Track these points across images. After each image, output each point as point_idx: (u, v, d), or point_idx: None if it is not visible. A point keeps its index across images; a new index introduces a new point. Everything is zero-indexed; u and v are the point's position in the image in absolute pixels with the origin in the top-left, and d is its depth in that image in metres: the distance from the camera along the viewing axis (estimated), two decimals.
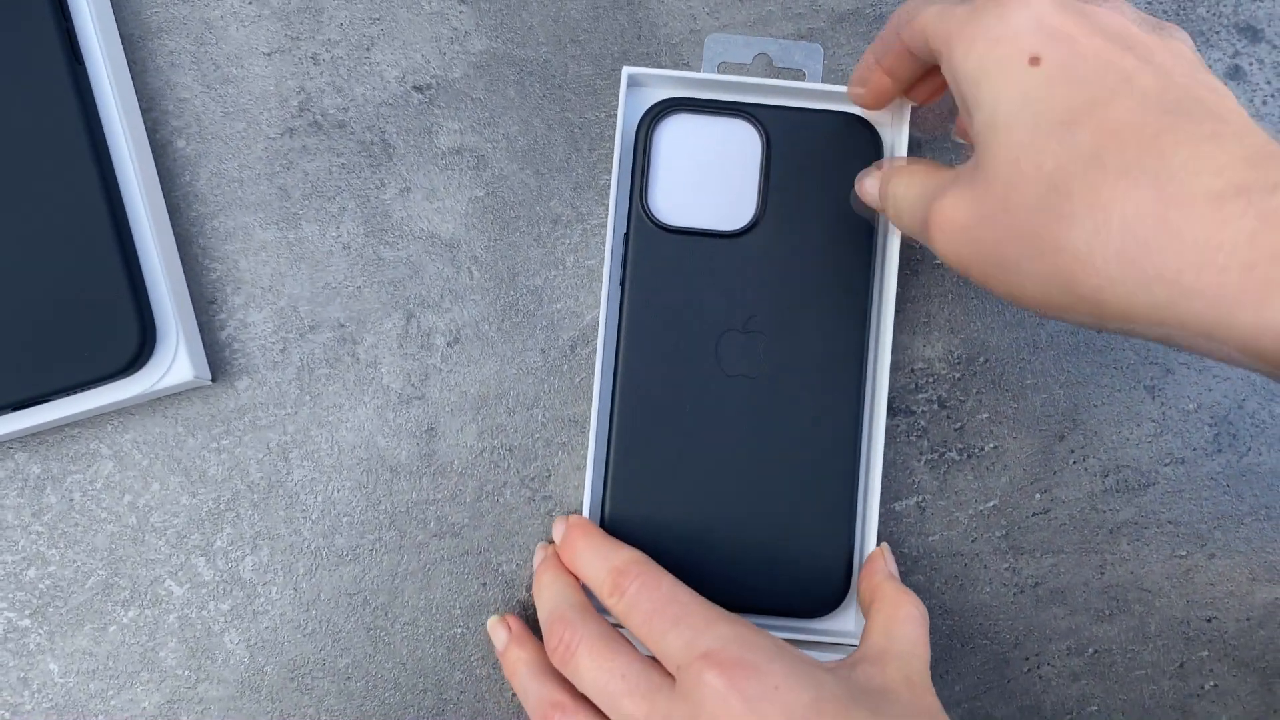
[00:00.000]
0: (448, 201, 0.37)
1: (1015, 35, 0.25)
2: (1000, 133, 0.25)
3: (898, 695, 0.29)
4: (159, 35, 0.37)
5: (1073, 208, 0.23)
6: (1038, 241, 0.24)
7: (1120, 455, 0.38)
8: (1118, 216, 0.22)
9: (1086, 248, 0.23)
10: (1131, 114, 0.23)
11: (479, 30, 0.38)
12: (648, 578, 0.31)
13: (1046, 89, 0.24)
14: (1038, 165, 0.24)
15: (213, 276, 0.37)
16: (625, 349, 0.35)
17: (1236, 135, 0.23)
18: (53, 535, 0.37)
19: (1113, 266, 0.22)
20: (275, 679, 0.37)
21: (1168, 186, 0.22)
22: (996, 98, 0.25)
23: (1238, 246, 0.21)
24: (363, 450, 0.37)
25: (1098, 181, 0.23)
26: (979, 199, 0.26)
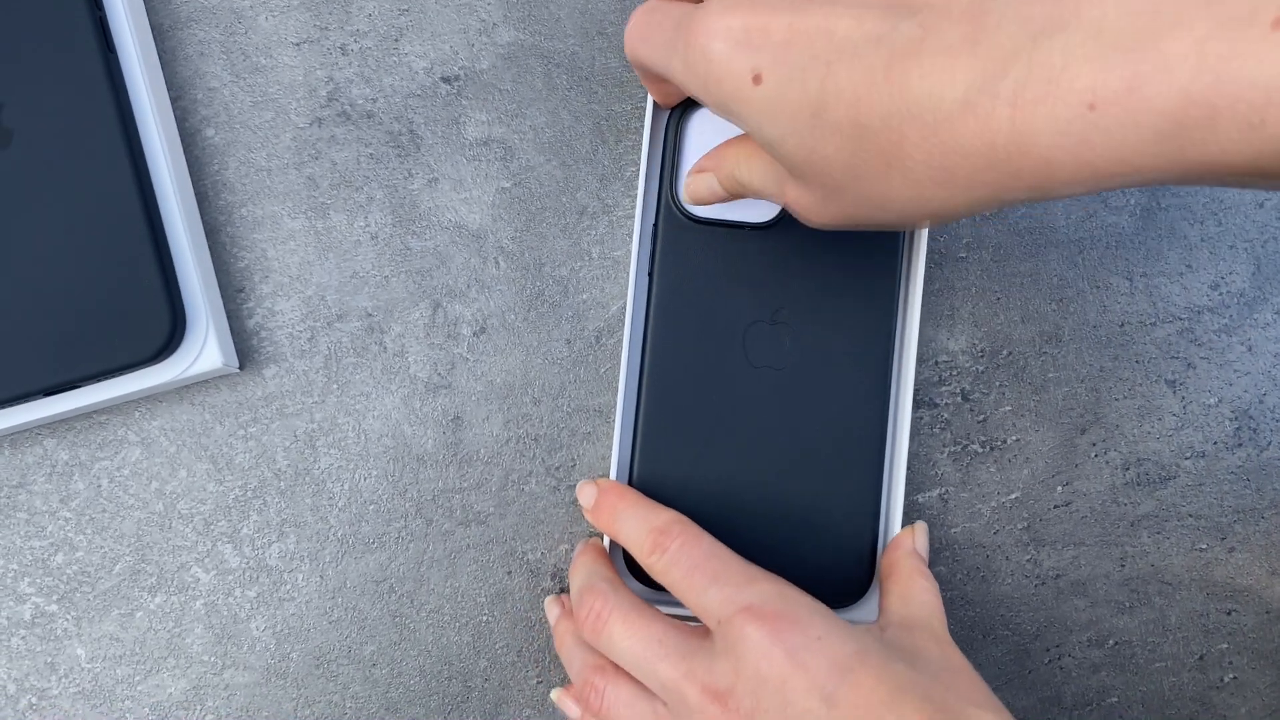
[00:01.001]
0: (475, 192, 0.38)
1: (729, 66, 0.26)
2: (779, 147, 0.26)
3: (929, 653, 0.30)
4: (189, 25, 0.38)
5: (874, 168, 0.24)
6: (872, 199, 0.25)
7: (1141, 449, 0.38)
8: (910, 158, 0.23)
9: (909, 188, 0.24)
10: (854, 71, 0.24)
11: (507, 22, 0.38)
12: (688, 536, 0.31)
13: (780, 98, 0.25)
14: (824, 156, 0.25)
15: (241, 265, 0.37)
16: (652, 340, 0.35)
17: (942, 17, 0.23)
18: (80, 521, 0.37)
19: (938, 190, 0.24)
20: (300, 666, 0.37)
21: (925, 116, 0.23)
22: (755, 126, 0.26)
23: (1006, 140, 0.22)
24: (389, 439, 0.37)
25: (874, 142, 0.24)
26: (811, 187, 0.27)
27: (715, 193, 0.32)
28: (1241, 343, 0.38)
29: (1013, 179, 0.22)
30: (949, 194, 0.24)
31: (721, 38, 0.26)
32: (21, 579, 0.37)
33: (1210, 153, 0.20)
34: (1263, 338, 0.38)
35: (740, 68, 0.25)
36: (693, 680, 0.28)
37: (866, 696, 0.26)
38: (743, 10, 0.26)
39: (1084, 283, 0.38)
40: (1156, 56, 0.19)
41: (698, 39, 0.26)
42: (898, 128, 0.23)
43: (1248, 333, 0.38)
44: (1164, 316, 0.38)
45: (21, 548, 0.37)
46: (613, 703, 0.30)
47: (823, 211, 0.27)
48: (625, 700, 0.30)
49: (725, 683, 0.28)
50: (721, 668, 0.28)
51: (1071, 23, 0.21)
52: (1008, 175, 0.22)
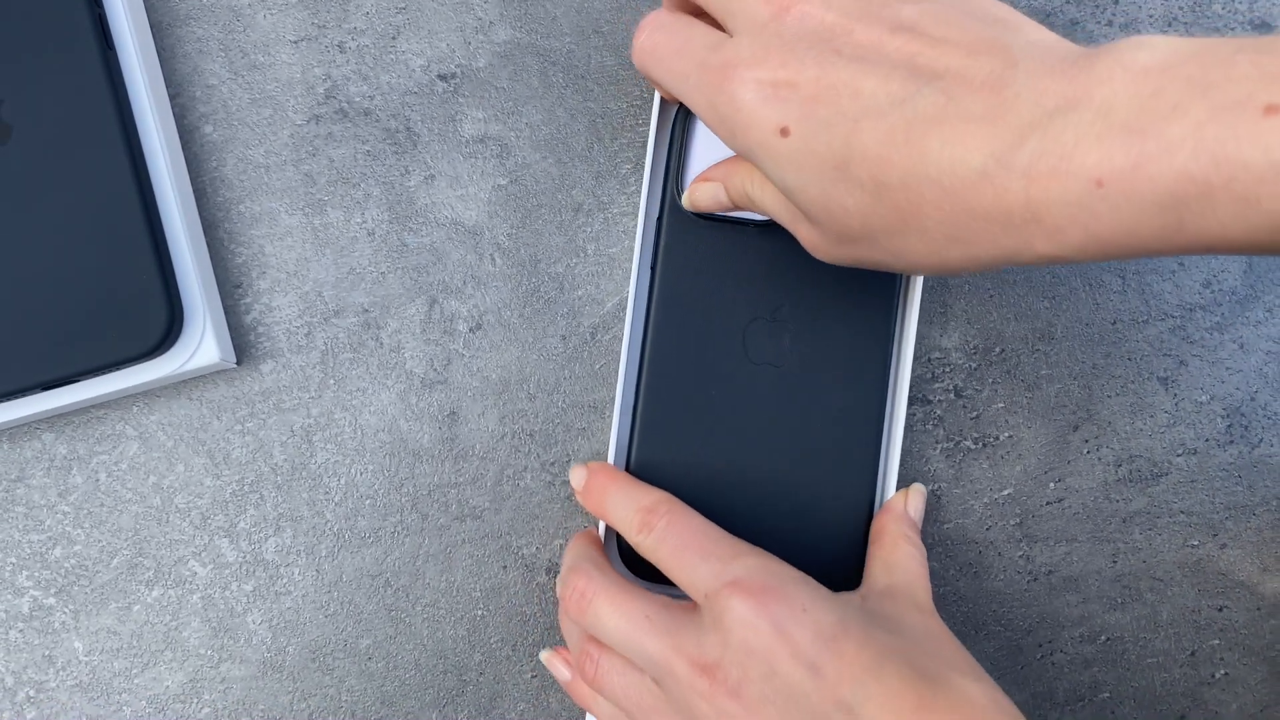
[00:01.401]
0: (471, 189, 0.38)
1: (754, 118, 0.26)
2: (799, 195, 0.27)
3: (910, 621, 0.30)
4: (188, 22, 0.38)
5: (892, 225, 0.26)
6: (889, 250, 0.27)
7: (1133, 445, 0.38)
8: (927, 219, 0.25)
9: (924, 246, 0.26)
10: (878, 130, 0.25)
11: (503, 20, 0.38)
12: (676, 515, 0.31)
13: (806, 151, 0.26)
14: (844, 208, 0.26)
15: (239, 261, 0.38)
16: (653, 334, 0.35)
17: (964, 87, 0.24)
18: (78, 515, 0.37)
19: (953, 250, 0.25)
20: (297, 659, 0.37)
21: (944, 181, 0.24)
22: (779, 175, 0.27)
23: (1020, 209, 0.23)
24: (385, 434, 0.37)
25: (892, 199, 0.25)
26: (824, 233, 0.28)
27: (720, 202, 0.33)
28: (1233, 340, 0.38)
29: (1025, 245, 0.24)
30: (963, 253, 0.25)
31: (752, 89, 0.26)
32: (20, 572, 0.37)
33: (1209, 227, 0.21)
34: (1254, 335, 0.38)
35: (769, 119, 0.26)
36: (680, 654, 0.29)
37: (850, 664, 0.27)
38: (773, 64, 0.26)
39: (1076, 280, 0.38)
40: (1159, 138, 0.21)
41: (728, 85, 0.27)
42: (916, 189, 0.24)
43: (1239, 330, 0.38)
44: (1156, 314, 0.38)
45: (20, 541, 0.37)
46: (607, 670, 0.31)
47: (833, 253, 0.28)
48: (619, 669, 0.31)
49: (713, 656, 0.28)
50: (709, 641, 0.28)
51: (1083, 102, 0.22)
52: (1021, 241, 0.24)
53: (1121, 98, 0.22)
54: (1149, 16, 0.39)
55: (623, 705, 0.31)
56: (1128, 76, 0.22)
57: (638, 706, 0.30)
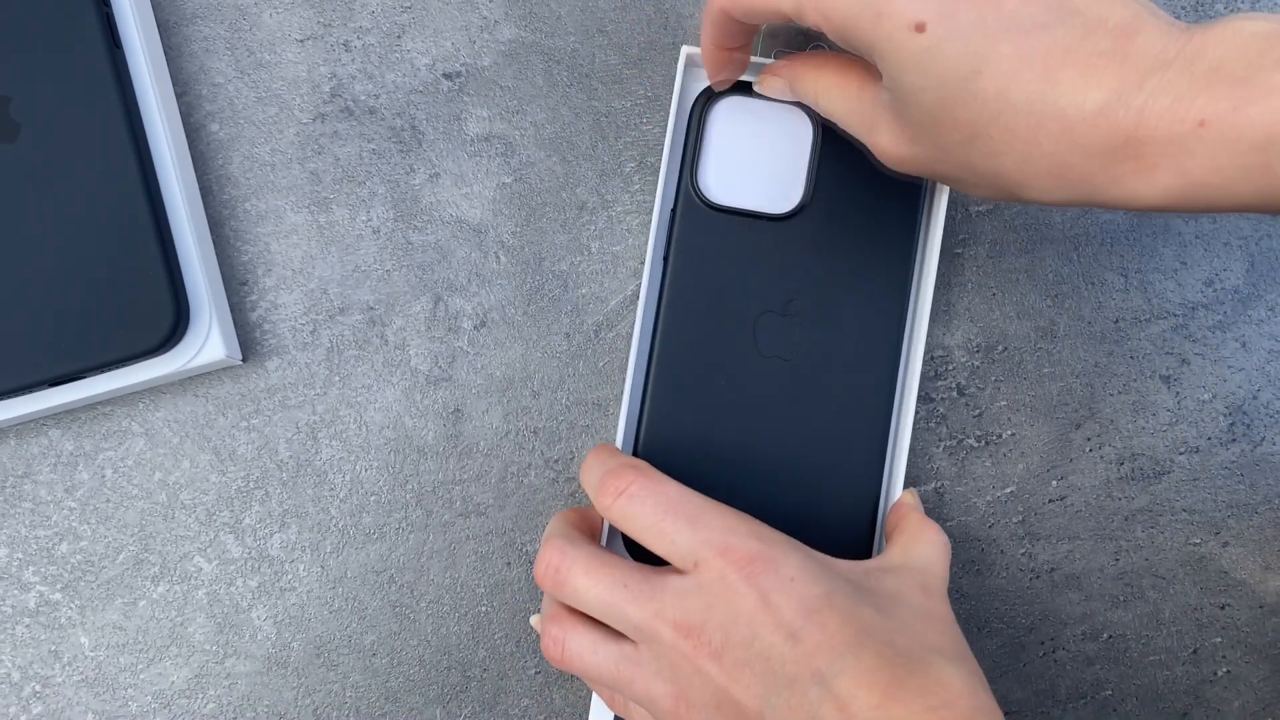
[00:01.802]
0: (476, 187, 0.38)
1: (894, 5, 0.26)
2: (912, 97, 0.27)
3: (909, 599, 0.30)
4: (194, 21, 0.38)
5: (996, 146, 0.27)
6: (977, 171, 0.28)
7: (1136, 444, 0.38)
8: (1035, 149, 0.26)
9: (1020, 174, 0.27)
10: (1018, 47, 0.25)
11: (508, 19, 0.38)
12: (647, 482, 0.31)
13: (939, 52, 0.26)
14: (954, 118, 0.27)
15: (244, 258, 0.38)
16: (663, 324, 0.35)
17: (1100, 25, 0.25)
18: (85, 511, 0.37)
19: (1046, 183, 0.27)
20: (301, 655, 0.37)
21: (1069, 112, 0.25)
22: (899, 70, 0.27)
23: (1125, 145, 0.25)
24: (390, 430, 0.38)
25: (1010, 122, 0.26)
26: (913, 141, 0.29)
27: (782, 90, 0.34)
28: (1235, 339, 0.38)
29: (1113, 184, 0.26)
30: (1052, 186, 0.27)
31: None
32: (26, 568, 0.37)
33: None
34: (1256, 334, 0.38)
35: (909, 11, 0.26)
36: (662, 619, 0.29)
37: (830, 637, 0.27)
38: None
39: (1079, 279, 0.38)
40: (1260, 85, 0.24)
41: None
42: (1039, 115, 0.25)
43: (1241, 329, 0.38)
44: (1158, 313, 0.38)
45: (26, 537, 0.37)
46: (576, 652, 0.31)
47: (913, 163, 0.29)
48: (588, 647, 0.30)
49: (697, 619, 0.28)
50: (693, 605, 0.28)
51: (1199, 57, 0.25)
52: (1111, 179, 0.26)
53: (1232, 54, 0.24)
54: None
55: (598, 681, 0.31)
56: (1239, 39, 0.24)
57: (615, 680, 0.30)
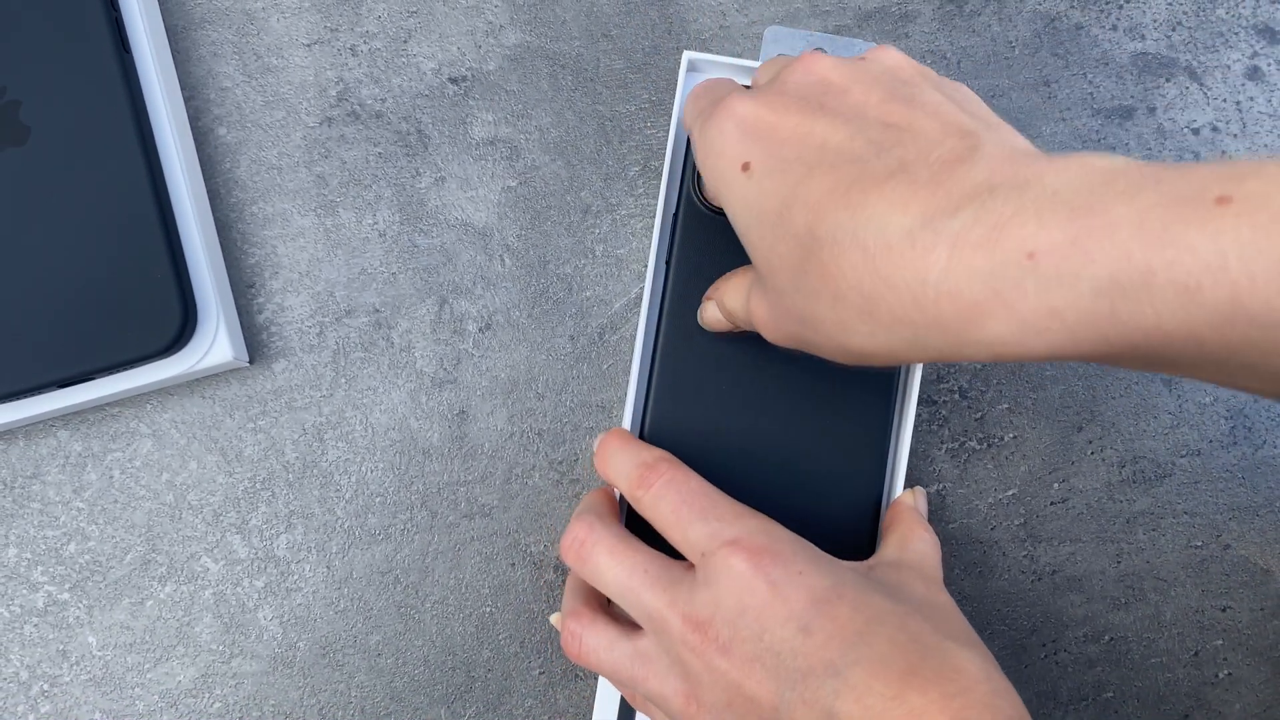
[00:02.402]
0: (481, 191, 0.38)
1: (728, 148, 0.27)
2: (746, 237, 0.27)
3: (913, 590, 0.30)
4: (202, 26, 0.38)
5: (813, 286, 0.25)
6: (807, 320, 0.26)
7: (1137, 447, 0.39)
8: (844, 284, 0.24)
9: (836, 317, 0.25)
10: (828, 180, 0.25)
11: (513, 24, 0.39)
12: (676, 473, 0.31)
13: (759, 190, 0.26)
14: (780, 256, 0.26)
15: (252, 261, 0.38)
16: (666, 328, 0.35)
17: (923, 152, 0.24)
18: (92, 511, 0.38)
19: (861, 325, 0.24)
20: (307, 655, 0.38)
21: (868, 240, 0.23)
22: (732, 210, 0.27)
23: (939, 279, 0.22)
24: (396, 432, 0.38)
25: (818, 257, 0.24)
26: (765, 294, 0.28)
27: (719, 321, 0.33)
28: None
29: (933, 326, 0.23)
30: (870, 330, 0.24)
31: (735, 121, 0.27)
32: (35, 568, 0.38)
33: (1143, 318, 0.20)
34: None
35: (736, 153, 0.27)
36: (674, 609, 0.29)
37: (842, 626, 0.27)
38: (766, 104, 0.27)
39: None
40: (1103, 215, 0.20)
41: (719, 114, 0.28)
42: (843, 245, 0.24)
43: None
44: None
45: (35, 537, 0.38)
46: (593, 647, 0.31)
47: (774, 324, 0.28)
48: (604, 644, 0.31)
49: (705, 612, 0.28)
50: (703, 598, 0.28)
51: (1031, 183, 0.22)
52: (930, 320, 0.23)
53: (1072, 183, 0.21)
54: (1153, 20, 0.39)
55: (612, 677, 0.31)
56: (1084, 169, 0.22)
57: (629, 677, 0.30)
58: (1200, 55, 0.39)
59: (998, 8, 0.39)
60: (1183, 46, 0.39)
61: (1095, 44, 0.39)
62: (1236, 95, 0.39)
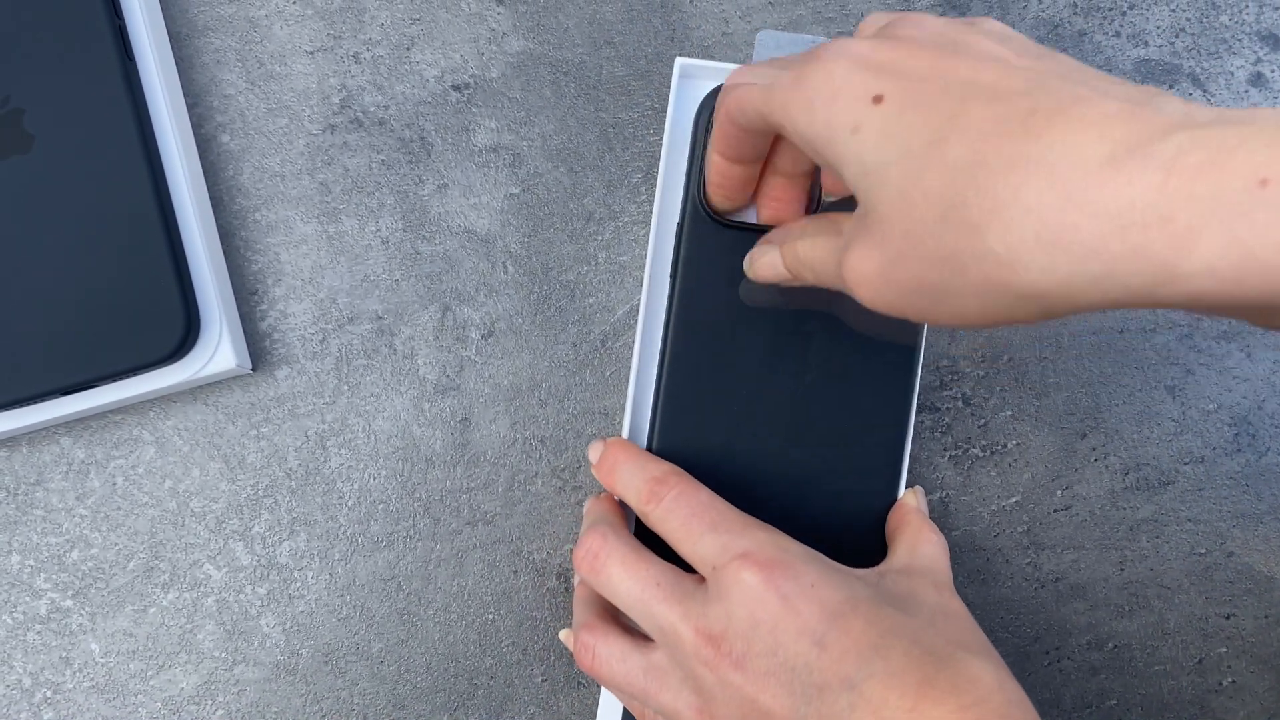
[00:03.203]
0: (484, 198, 0.38)
1: (848, 83, 0.24)
2: (874, 176, 0.24)
3: (925, 598, 0.30)
4: (206, 33, 0.39)
5: (976, 217, 0.22)
6: (955, 260, 0.23)
7: (1140, 454, 0.38)
8: (1023, 210, 0.21)
9: (1006, 249, 0.22)
10: (990, 110, 0.22)
11: (516, 31, 0.39)
12: (685, 487, 0.31)
13: (900, 119, 0.23)
14: (924, 192, 0.23)
15: (254, 268, 0.38)
16: (673, 340, 0.35)
17: (1098, 89, 0.22)
18: (95, 518, 0.38)
19: (1039, 256, 0.21)
20: (310, 662, 0.38)
21: (1058, 166, 0.21)
22: (859, 147, 0.24)
23: (1150, 203, 0.20)
24: (398, 439, 0.38)
25: (989, 185, 0.22)
26: (883, 242, 0.24)
27: (777, 271, 0.31)
28: (1240, 349, 0.38)
29: (1135, 256, 0.20)
30: (1049, 262, 0.21)
31: (852, 59, 0.25)
32: (38, 575, 0.38)
33: None
34: (1261, 344, 0.38)
35: (861, 88, 0.24)
36: (687, 622, 0.29)
37: (856, 640, 0.27)
38: (888, 45, 0.25)
39: None
40: None
41: (824, 58, 0.25)
42: (1024, 172, 0.21)
43: (1246, 339, 0.38)
44: (1164, 323, 0.39)
45: (38, 544, 0.38)
46: (605, 659, 0.31)
47: (885, 278, 0.25)
48: (617, 656, 0.31)
49: (718, 626, 0.28)
50: (715, 612, 0.28)
51: (1246, 119, 0.20)
52: (1132, 249, 0.20)
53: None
54: (1156, 28, 0.39)
55: (624, 691, 0.31)
56: None
57: (642, 691, 0.30)
58: (1204, 61, 0.39)
59: (1000, 15, 0.39)
60: (1186, 53, 0.39)
61: (1099, 50, 0.39)
62: (1240, 101, 0.39)
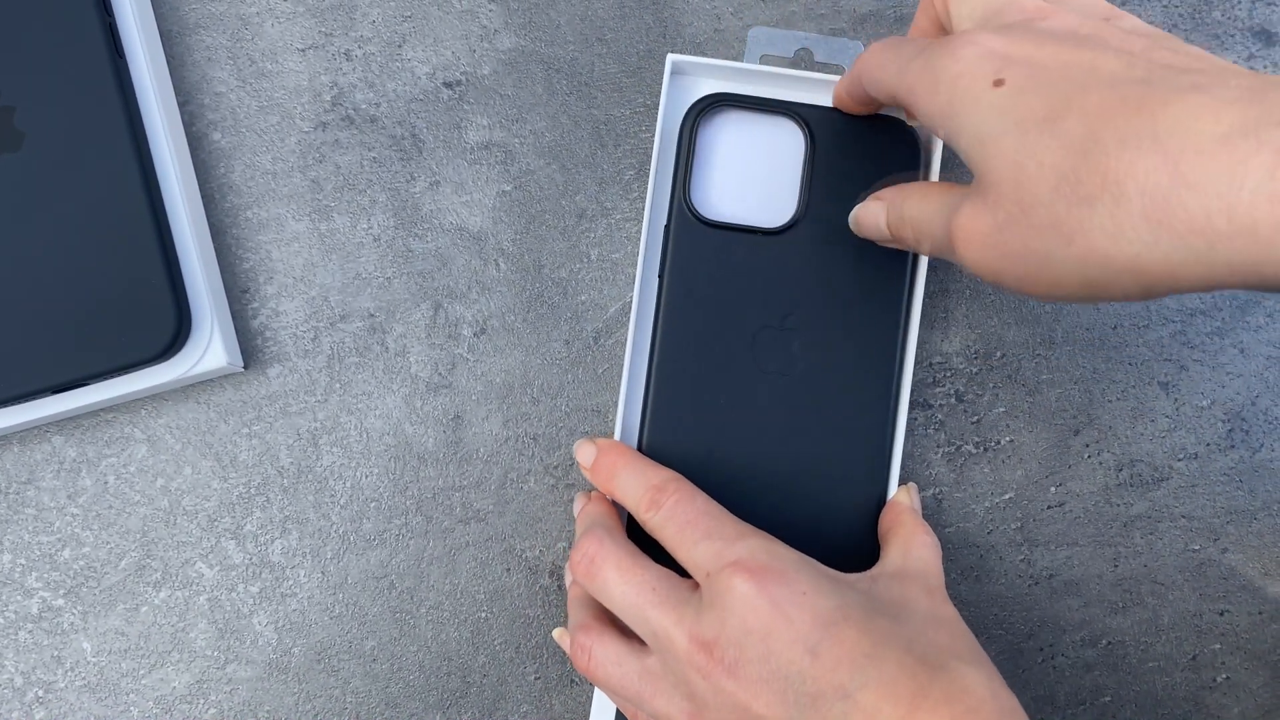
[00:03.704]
0: (476, 195, 0.38)
1: (973, 67, 0.26)
2: (990, 146, 0.25)
3: (917, 605, 0.30)
4: (197, 31, 0.38)
5: (1086, 190, 0.23)
6: (1062, 230, 0.24)
7: (1134, 450, 0.38)
8: (1132, 185, 0.22)
9: (1113, 222, 0.23)
10: (1109, 94, 0.23)
11: (508, 28, 0.39)
12: (684, 494, 0.31)
13: (1019, 98, 0.25)
14: (1039, 162, 0.24)
15: (246, 266, 0.38)
16: (661, 341, 0.35)
17: (1219, 79, 0.23)
18: (87, 517, 0.38)
19: (1144, 232, 0.22)
20: (302, 660, 0.38)
21: (1170, 144, 0.22)
22: (977, 121, 0.25)
23: (1261, 182, 0.20)
24: (391, 437, 0.38)
25: (1101, 160, 0.23)
26: (994, 206, 0.25)
27: (879, 228, 0.32)
28: (1234, 345, 0.38)
29: (1241, 235, 0.21)
30: (1154, 238, 0.22)
31: (980, 49, 0.26)
32: (29, 574, 0.38)
33: None
34: (1255, 340, 0.38)
35: (986, 69, 0.25)
36: (680, 628, 0.29)
37: (850, 649, 0.27)
38: (1015, 36, 0.26)
39: None
40: None
41: (954, 45, 0.26)
42: (1138, 149, 0.22)
43: (1240, 335, 0.38)
44: (1157, 319, 0.39)
45: (30, 543, 0.38)
46: (600, 661, 0.31)
47: (992, 242, 0.26)
48: (613, 659, 0.31)
49: (711, 633, 0.28)
50: (708, 619, 0.28)
51: None
52: (1239, 229, 0.21)
53: None
54: (1150, 23, 0.39)
55: (619, 694, 0.31)
56: None
57: (636, 695, 0.30)
58: None
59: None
60: None
61: None
62: None
